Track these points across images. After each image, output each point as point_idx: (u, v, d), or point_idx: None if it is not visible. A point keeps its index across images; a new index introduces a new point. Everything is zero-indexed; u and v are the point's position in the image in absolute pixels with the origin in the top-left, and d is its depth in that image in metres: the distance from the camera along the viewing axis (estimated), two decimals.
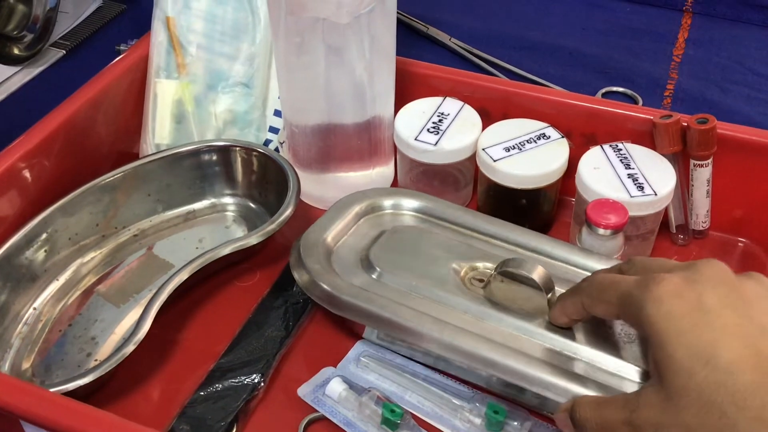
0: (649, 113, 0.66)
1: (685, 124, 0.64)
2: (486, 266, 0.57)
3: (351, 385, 0.54)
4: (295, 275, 0.58)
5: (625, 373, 0.50)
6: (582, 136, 0.68)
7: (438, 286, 0.56)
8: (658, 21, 0.96)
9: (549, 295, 0.53)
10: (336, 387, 0.54)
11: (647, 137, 0.66)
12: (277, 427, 0.54)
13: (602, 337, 0.52)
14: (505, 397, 0.54)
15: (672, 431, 0.40)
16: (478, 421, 0.53)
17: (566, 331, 0.52)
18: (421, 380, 0.56)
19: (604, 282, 0.47)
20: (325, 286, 0.56)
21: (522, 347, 0.52)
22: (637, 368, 0.50)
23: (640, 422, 0.41)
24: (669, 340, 0.40)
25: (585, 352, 0.51)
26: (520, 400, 0.54)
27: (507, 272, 0.54)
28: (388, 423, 0.52)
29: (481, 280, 0.56)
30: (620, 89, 0.84)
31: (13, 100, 0.84)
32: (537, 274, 0.53)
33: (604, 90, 0.84)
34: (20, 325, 0.60)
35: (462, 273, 0.57)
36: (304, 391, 0.55)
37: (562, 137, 0.66)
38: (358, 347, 0.59)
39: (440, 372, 0.56)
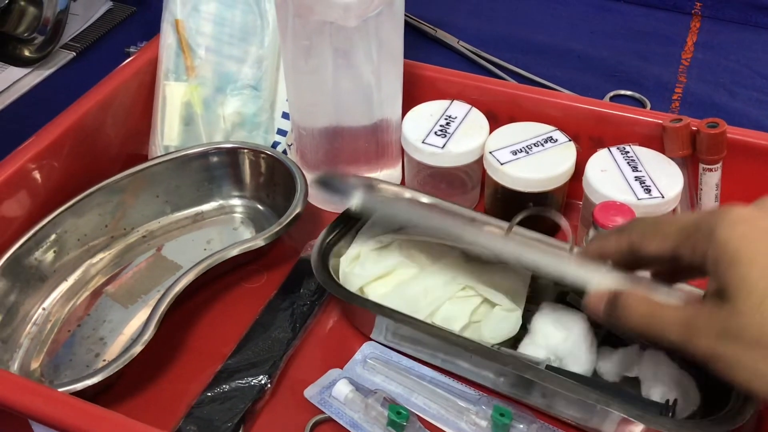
0: (657, 117, 0.66)
1: (695, 128, 0.63)
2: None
3: (357, 387, 0.55)
4: (331, 182, 0.60)
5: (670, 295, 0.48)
6: (590, 140, 0.68)
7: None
8: (667, 24, 0.96)
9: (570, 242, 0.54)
10: (342, 389, 0.54)
11: (655, 141, 0.66)
12: (284, 429, 0.54)
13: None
14: (512, 398, 0.54)
15: (735, 342, 0.40)
16: (484, 423, 0.53)
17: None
18: (427, 382, 0.56)
19: (658, 219, 0.47)
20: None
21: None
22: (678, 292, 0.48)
23: (699, 326, 0.41)
24: (743, 260, 0.40)
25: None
26: (527, 401, 0.54)
27: (529, 217, 0.56)
28: (394, 425, 0.52)
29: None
30: (628, 93, 0.84)
31: (24, 102, 0.85)
32: (560, 217, 0.54)
33: (612, 93, 0.84)
34: (29, 326, 0.60)
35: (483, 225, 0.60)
36: (310, 392, 0.55)
37: (570, 141, 0.66)
38: (364, 349, 0.59)
39: (446, 373, 0.57)
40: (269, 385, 0.55)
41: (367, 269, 0.59)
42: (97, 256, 0.65)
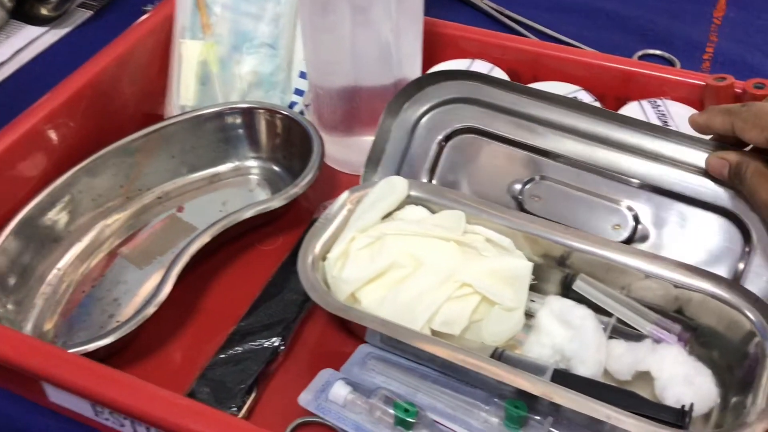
0: (687, 76, 0.64)
1: (739, 90, 0.61)
2: None
3: (355, 387, 0.51)
4: None
5: None
6: (616, 100, 0.66)
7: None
8: None
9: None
10: (340, 391, 0.50)
11: (685, 102, 0.64)
12: (297, 391, 0.53)
13: None
14: None
15: None
16: (495, 420, 0.49)
17: None
18: (431, 381, 0.52)
19: (762, 110, 0.49)
20: None
21: None
22: None
23: None
24: None
25: None
26: (534, 406, 0.50)
27: None
28: (403, 423, 0.48)
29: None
30: (657, 52, 0.82)
31: (41, 61, 0.84)
32: None
33: (640, 53, 0.82)
34: (44, 286, 0.60)
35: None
36: (305, 398, 0.51)
37: (596, 101, 0.64)
38: (362, 349, 0.55)
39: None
40: (283, 347, 0.55)
41: (357, 272, 0.54)
42: (111, 217, 0.65)
